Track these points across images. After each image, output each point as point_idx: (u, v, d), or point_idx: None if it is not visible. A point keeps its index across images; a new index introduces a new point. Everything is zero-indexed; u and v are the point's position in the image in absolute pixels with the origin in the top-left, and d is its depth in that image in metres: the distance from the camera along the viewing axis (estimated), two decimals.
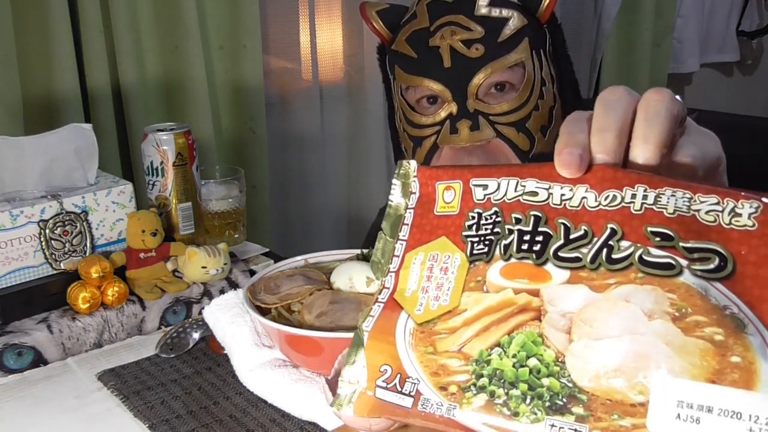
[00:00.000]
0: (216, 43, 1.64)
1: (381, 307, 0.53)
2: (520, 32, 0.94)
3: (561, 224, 0.47)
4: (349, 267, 0.83)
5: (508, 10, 0.94)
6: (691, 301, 0.42)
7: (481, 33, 0.93)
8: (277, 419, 0.75)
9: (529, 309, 0.47)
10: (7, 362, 0.86)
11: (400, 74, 0.98)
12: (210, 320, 0.86)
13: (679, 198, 0.44)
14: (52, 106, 1.44)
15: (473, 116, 0.92)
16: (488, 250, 0.50)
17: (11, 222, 0.92)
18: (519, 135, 0.93)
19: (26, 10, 1.40)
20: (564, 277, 0.46)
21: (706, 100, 2.75)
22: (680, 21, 2.54)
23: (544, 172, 0.49)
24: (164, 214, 1.05)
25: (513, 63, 0.93)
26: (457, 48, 0.92)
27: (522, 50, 0.93)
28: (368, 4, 1.03)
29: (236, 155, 1.72)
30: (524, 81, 0.94)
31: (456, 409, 0.46)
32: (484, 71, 0.92)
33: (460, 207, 0.52)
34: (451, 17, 0.94)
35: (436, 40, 0.94)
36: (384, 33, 1.02)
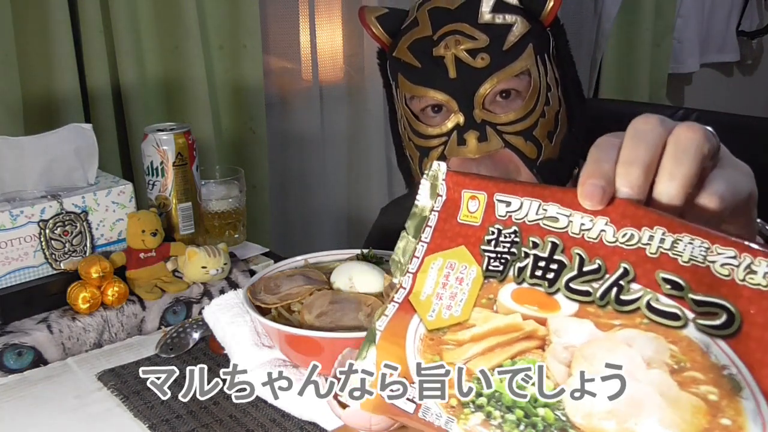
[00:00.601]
0: (216, 43, 1.64)
1: (395, 307, 0.53)
2: (524, 38, 0.93)
3: (577, 255, 0.47)
4: (349, 267, 0.83)
5: (511, 15, 0.93)
6: (692, 356, 0.41)
7: (486, 41, 0.91)
8: (277, 419, 0.75)
9: (535, 337, 0.47)
10: (7, 362, 0.86)
11: (404, 83, 0.97)
12: (210, 320, 0.86)
13: (696, 246, 0.43)
14: (52, 106, 1.44)
15: (480, 127, 0.91)
16: (503, 269, 0.49)
17: (11, 222, 0.92)
18: (527, 144, 0.92)
19: (26, 10, 1.40)
20: (572, 309, 0.46)
21: (706, 100, 2.75)
22: (680, 21, 2.54)
23: (568, 198, 0.48)
24: (164, 214, 1.05)
25: (519, 71, 0.92)
26: (462, 58, 0.91)
27: (527, 57, 0.92)
28: (367, 9, 1.02)
29: (236, 155, 1.72)
30: (530, 89, 0.93)
31: (453, 423, 0.47)
32: (490, 81, 0.91)
33: (482, 219, 0.51)
34: (454, 26, 0.93)
35: (441, 49, 0.92)
36: (384, 39, 1.01)
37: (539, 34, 0.95)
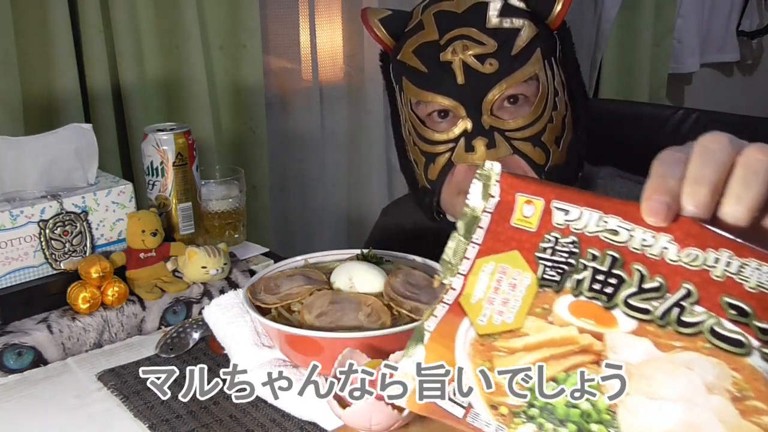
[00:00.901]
0: (216, 43, 1.64)
1: (445, 309, 0.52)
2: (532, 43, 0.92)
3: (637, 270, 0.46)
4: (349, 267, 0.83)
5: (519, 19, 0.92)
6: (755, 385, 0.41)
7: (494, 47, 0.90)
8: (277, 419, 0.75)
9: (590, 351, 0.46)
10: (7, 362, 0.86)
11: (410, 88, 0.96)
12: (210, 320, 0.86)
13: (764, 273, 0.42)
14: (52, 106, 1.44)
15: (489, 133, 0.90)
16: (560, 280, 0.49)
17: (11, 222, 0.92)
18: (535, 149, 0.92)
19: (26, 10, 1.40)
20: (630, 326, 0.45)
21: (706, 100, 2.75)
22: (680, 21, 2.54)
23: (630, 212, 0.48)
24: (164, 214, 1.05)
25: (527, 77, 0.91)
26: (470, 63, 0.90)
27: (535, 62, 0.91)
28: (370, 10, 1.01)
29: (236, 155, 1.72)
30: (539, 94, 0.92)
31: (504, 431, 0.46)
32: (498, 87, 0.90)
33: (538, 225, 0.50)
34: (462, 30, 0.91)
35: (448, 54, 0.91)
36: (387, 42, 1.00)
37: (546, 38, 0.94)
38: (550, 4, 0.94)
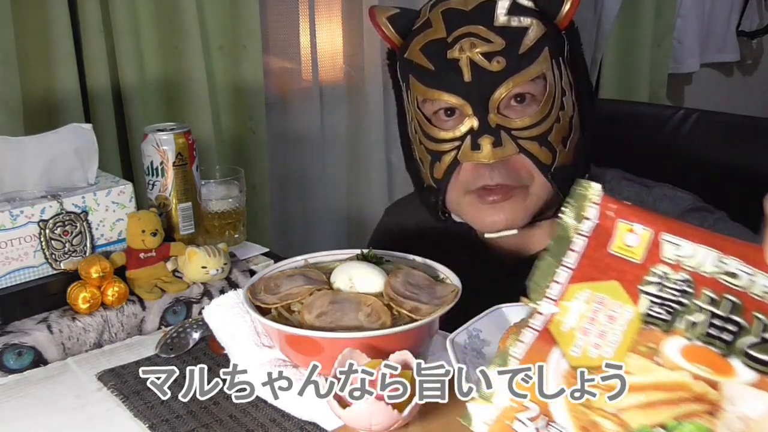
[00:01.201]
0: (216, 43, 1.64)
1: (534, 336, 0.49)
2: (540, 42, 0.91)
3: (758, 319, 0.44)
4: (349, 267, 0.83)
5: (527, 18, 0.92)
6: None
7: (502, 45, 0.90)
8: (277, 419, 0.75)
9: (705, 400, 0.44)
10: (7, 362, 0.86)
11: (416, 85, 0.95)
12: (210, 320, 0.86)
13: None
14: (52, 106, 1.44)
15: (495, 131, 0.90)
16: (670, 319, 0.46)
17: (11, 222, 0.92)
18: (541, 149, 0.91)
19: (26, 10, 1.40)
20: (750, 378, 0.43)
21: (706, 100, 2.75)
22: (680, 21, 2.54)
23: (751, 255, 0.45)
24: (164, 214, 1.05)
25: (535, 75, 0.90)
26: (477, 61, 0.90)
27: (542, 61, 0.91)
28: (378, 9, 1.00)
29: (236, 155, 1.72)
30: (546, 93, 0.92)
31: None
32: (505, 85, 0.90)
33: (644, 257, 0.47)
34: (470, 28, 0.91)
35: (455, 52, 0.91)
36: (395, 40, 0.99)
37: (554, 37, 0.93)
38: (558, 4, 0.93)
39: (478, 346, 0.72)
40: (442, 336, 0.76)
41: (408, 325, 0.73)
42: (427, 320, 0.74)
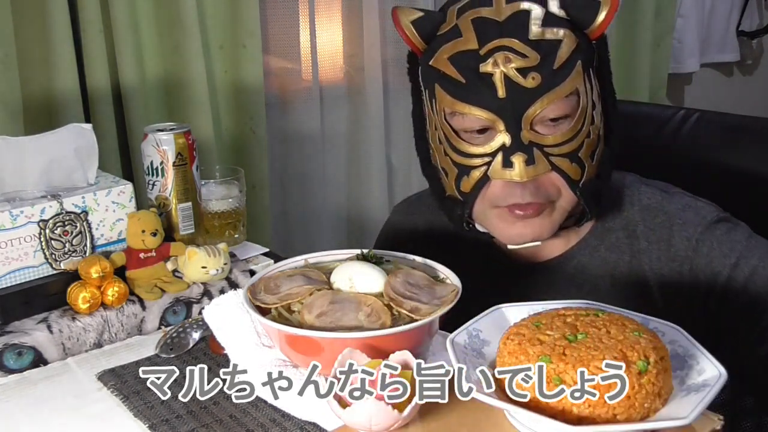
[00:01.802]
0: (216, 43, 1.64)
1: None
2: (573, 55, 0.89)
3: None
4: (349, 267, 0.83)
5: (560, 29, 0.89)
6: None
7: (537, 59, 0.87)
8: (277, 419, 0.75)
9: None
10: (7, 362, 0.86)
11: (444, 97, 0.92)
12: (210, 320, 0.86)
13: None
14: (52, 106, 1.44)
15: (528, 149, 0.88)
16: None
17: (11, 222, 0.92)
18: (572, 165, 0.90)
19: (26, 10, 1.40)
20: None
21: (706, 100, 2.75)
22: (680, 21, 2.54)
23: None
24: (164, 214, 1.05)
25: (569, 92, 0.88)
26: (512, 76, 0.87)
27: (576, 75, 0.89)
28: (401, 10, 0.96)
29: (236, 155, 1.72)
30: (579, 109, 0.90)
31: None
32: (540, 102, 0.87)
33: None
34: (504, 41, 0.88)
35: (488, 66, 0.87)
36: (419, 44, 0.96)
37: (586, 48, 0.91)
38: (592, 14, 0.90)
39: (478, 346, 0.72)
40: (442, 336, 0.76)
41: (408, 325, 0.73)
42: (427, 320, 0.74)
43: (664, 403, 0.63)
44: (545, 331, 0.67)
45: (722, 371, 0.65)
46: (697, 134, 1.30)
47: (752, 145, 1.24)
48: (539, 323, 0.69)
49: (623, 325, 0.67)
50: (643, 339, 0.65)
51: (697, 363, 0.67)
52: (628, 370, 0.62)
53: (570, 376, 0.62)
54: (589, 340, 0.65)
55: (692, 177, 1.17)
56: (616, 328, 0.67)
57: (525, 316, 0.73)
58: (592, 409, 0.61)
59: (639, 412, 0.62)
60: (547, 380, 0.63)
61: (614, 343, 0.64)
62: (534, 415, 0.61)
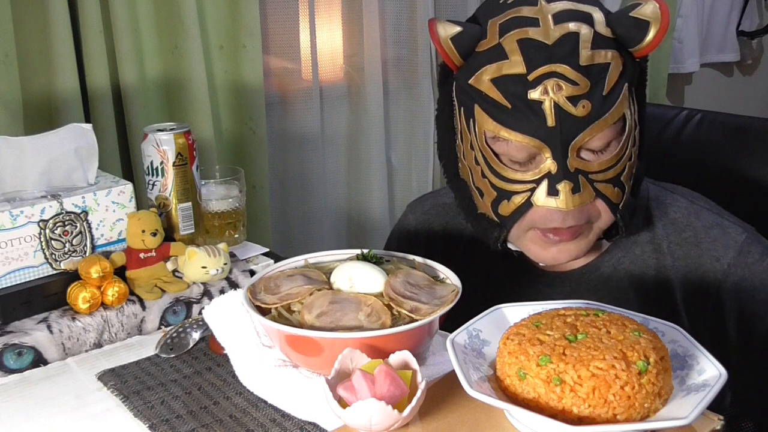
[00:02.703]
0: (216, 43, 1.64)
1: None
2: (620, 79, 0.87)
3: None
4: (349, 267, 0.83)
5: (608, 51, 0.86)
6: None
7: (587, 86, 0.85)
8: (277, 419, 0.75)
9: None
10: (7, 362, 0.86)
11: (486, 120, 0.89)
12: (210, 320, 0.86)
13: None
14: (52, 106, 1.44)
15: (574, 176, 0.86)
16: None
17: (11, 222, 0.92)
18: (615, 190, 0.89)
19: (26, 10, 1.40)
20: None
21: (706, 100, 2.75)
22: (680, 21, 2.54)
23: None
24: (164, 214, 1.05)
25: (617, 118, 0.86)
26: (562, 104, 0.84)
27: (623, 100, 0.87)
28: (439, 23, 0.91)
29: (236, 155, 1.72)
30: (624, 134, 0.88)
31: None
32: (590, 130, 0.85)
33: None
34: (554, 67, 0.84)
35: (537, 93, 0.85)
36: (457, 61, 0.91)
37: (631, 69, 0.89)
38: (641, 33, 0.86)
39: (478, 346, 0.72)
40: (442, 336, 0.76)
41: (408, 325, 0.73)
42: (427, 320, 0.74)
43: (664, 403, 0.63)
44: (545, 331, 0.67)
45: (722, 371, 0.65)
46: (700, 135, 1.30)
47: (754, 145, 1.24)
48: (539, 323, 0.69)
49: (623, 325, 0.67)
50: (643, 339, 0.65)
51: (697, 363, 0.67)
52: (628, 370, 0.62)
53: (570, 376, 0.62)
54: (589, 340, 0.65)
55: (694, 177, 1.17)
56: (616, 328, 0.67)
57: (525, 316, 0.73)
58: (592, 409, 0.61)
59: (639, 412, 0.62)
60: (547, 380, 0.63)
61: (614, 343, 0.64)
62: (534, 415, 0.61)
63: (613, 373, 0.62)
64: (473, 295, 0.81)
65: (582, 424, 0.60)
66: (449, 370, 0.67)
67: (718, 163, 1.25)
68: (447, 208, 1.11)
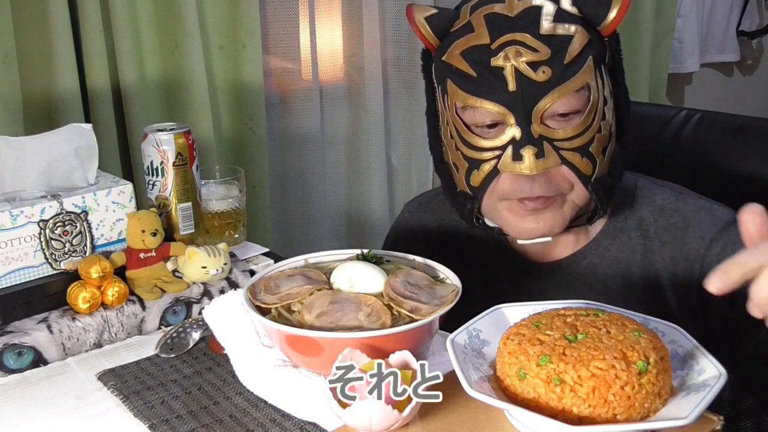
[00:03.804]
0: (216, 43, 1.64)
1: None
2: (584, 51, 0.89)
3: None
4: (349, 267, 0.83)
5: (572, 25, 0.90)
6: None
7: (548, 54, 0.88)
8: (277, 419, 0.75)
9: None
10: (7, 362, 0.86)
11: (455, 91, 0.93)
12: (210, 320, 0.86)
13: None
14: (52, 106, 1.44)
15: (538, 142, 0.88)
16: None
17: (11, 222, 0.92)
18: (583, 160, 0.90)
19: (26, 10, 1.40)
20: None
21: (706, 100, 2.75)
22: (680, 21, 2.54)
23: None
24: (164, 214, 1.05)
25: (579, 86, 0.89)
26: (522, 70, 0.87)
27: (587, 71, 0.89)
28: (416, 7, 0.97)
29: (236, 155, 1.72)
30: (589, 104, 0.90)
31: None
32: (551, 96, 0.88)
33: None
34: (515, 35, 0.89)
35: (500, 60, 0.88)
36: (432, 41, 0.97)
37: (598, 45, 0.92)
38: (604, 10, 0.91)
39: (478, 346, 0.72)
40: (442, 336, 0.76)
41: (408, 325, 0.73)
42: (427, 320, 0.74)
43: (664, 403, 0.63)
44: (545, 331, 0.67)
45: (722, 371, 0.65)
46: (700, 135, 1.29)
47: (755, 145, 1.24)
48: (539, 323, 0.69)
49: (623, 325, 0.67)
50: (643, 339, 0.65)
51: (697, 363, 0.67)
52: (628, 370, 0.62)
53: (570, 376, 0.62)
54: (589, 340, 0.65)
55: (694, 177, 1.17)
56: (616, 328, 0.67)
57: (525, 316, 0.73)
58: (592, 409, 0.61)
59: (639, 412, 0.62)
60: (547, 380, 0.63)
61: (614, 343, 0.64)
62: (534, 415, 0.61)
63: (613, 373, 0.62)
64: (471, 292, 0.81)
65: (582, 424, 0.60)
66: (449, 370, 0.67)
67: (717, 163, 1.25)
68: (442, 204, 1.12)
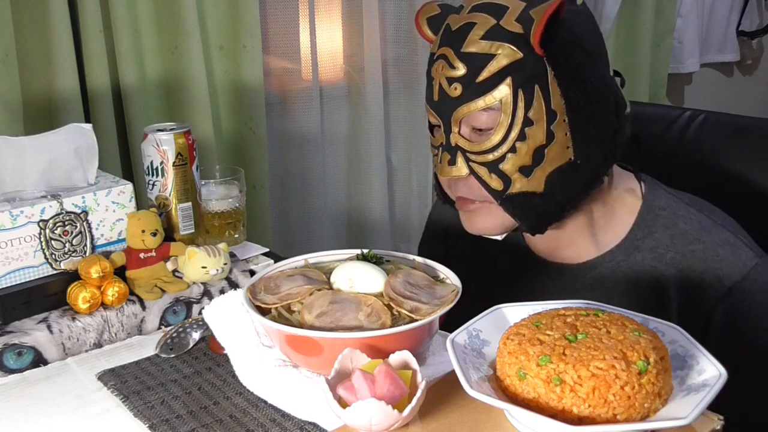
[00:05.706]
0: (216, 43, 1.64)
1: None
2: (502, 71, 0.89)
3: None
4: (349, 267, 0.83)
5: (502, 44, 0.89)
6: None
7: (463, 72, 0.91)
8: (277, 419, 0.75)
9: None
10: (7, 362, 0.86)
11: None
12: (210, 320, 0.86)
13: None
14: (52, 106, 1.44)
15: (453, 151, 0.94)
16: None
17: (11, 222, 0.92)
18: (491, 176, 0.92)
19: (26, 10, 1.40)
20: None
21: (706, 100, 2.75)
22: (680, 21, 2.54)
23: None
24: (164, 214, 1.05)
25: (487, 106, 0.90)
26: (442, 84, 0.93)
27: (500, 92, 0.90)
28: (426, 7, 1.00)
29: (236, 155, 1.72)
30: (499, 125, 0.90)
31: None
32: (459, 111, 0.92)
33: None
34: (444, 50, 0.93)
35: (433, 70, 0.95)
36: (429, 39, 0.99)
37: (530, 64, 0.89)
38: (529, 28, 0.89)
39: (478, 346, 0.72)
40: (442, 336, 0.76)
41: (408, 325, 0.73)
42: (427, 320, 0.74)
43: (664, 403, 0.63)
44: (545, 331, 0.67)
45: (722, 371, 0.65)
46: (703, 135, 1.29)
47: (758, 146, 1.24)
48: (539, 323, 0.69)
49: (623, 325, 0.67)
50: (643, 339, 0.65)
51: (697, 363, 0.67)
52: (628, 370, 0.62)
53: (570, 376, 0.62)
54: (589, 340, 0.65)
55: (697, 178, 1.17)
56: (616, 328, 0.67)
57: (525, 316, 0.73)
58: (592, 409, 0.61)
59: (639, 412, 0.62)
60: (547, 380, 0.63)
61: (614, 343, 0.64)
62: (534, 415, 0.61)
63: (613, 373, 0.62)
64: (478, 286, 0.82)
65: (582, 424, 0.60)
66: (449, 370, 0.67)
67: (721, 164, 1.24)
68: None
